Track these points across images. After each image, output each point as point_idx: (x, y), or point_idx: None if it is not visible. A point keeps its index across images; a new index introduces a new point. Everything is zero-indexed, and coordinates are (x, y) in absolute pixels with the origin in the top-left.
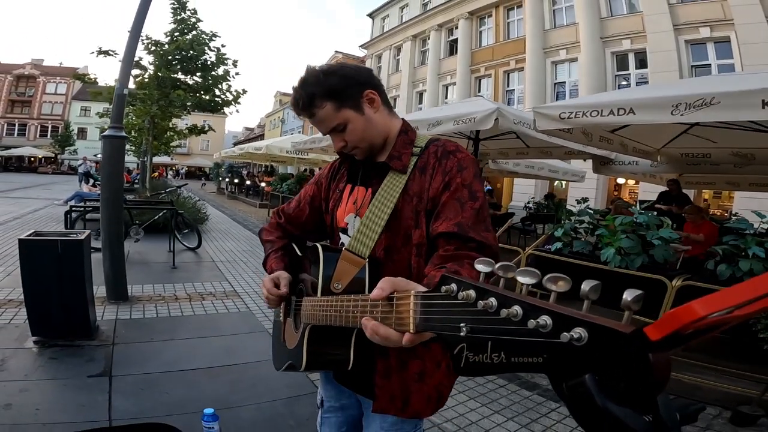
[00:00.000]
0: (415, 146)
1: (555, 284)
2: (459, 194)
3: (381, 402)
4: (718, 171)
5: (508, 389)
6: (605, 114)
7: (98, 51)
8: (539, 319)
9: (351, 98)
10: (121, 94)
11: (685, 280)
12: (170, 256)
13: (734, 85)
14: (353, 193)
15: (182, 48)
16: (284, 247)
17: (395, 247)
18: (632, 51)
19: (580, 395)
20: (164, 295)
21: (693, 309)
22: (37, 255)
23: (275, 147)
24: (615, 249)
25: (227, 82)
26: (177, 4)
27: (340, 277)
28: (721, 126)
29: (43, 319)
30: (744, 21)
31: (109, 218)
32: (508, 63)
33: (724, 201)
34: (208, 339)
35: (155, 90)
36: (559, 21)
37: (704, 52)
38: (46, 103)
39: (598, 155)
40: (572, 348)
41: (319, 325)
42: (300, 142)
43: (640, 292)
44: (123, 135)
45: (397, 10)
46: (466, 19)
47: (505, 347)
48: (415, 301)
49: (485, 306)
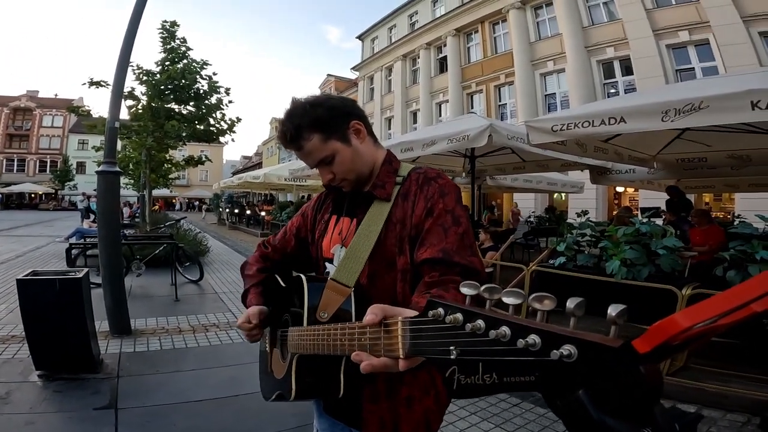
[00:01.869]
0: (398, 175)
1: (541, 303)
2: (442, 220)
3: (371, 428)
4: (715, 174)
5: (522, 408)
6: (597, 124)
7: (90, 82)
8: (528, 338)
9: (338, 129)
10: (113, 127)
11: (695, 288)
12: (172, 289)
13: (722, 87)
14: (338, 223)
15: (174, 77)
16: (264, 282)
17: (379, 274)
18: (617, 58)
19: (575, 411)
20: (168, 327)
21: (676, 321)
22: (36, 294)
23: (273, 175)
24: (620, 260)
25: (221, 110)
26: (166, 33)
27: (326, 306)
28: (714, 129)
29: (46, 354)
30: (720, 23)
31: (108, 254)
32: (498, 77)
33: (726, 203)
34: (213, 370)
35: (149, 121)
36: (544, 33)
37: (686, 55)
38: (43, 136)
39: (594, 165)
40: (563, 365)
41: (307, 354)
42: (297, 169)
43: (623, 307)
44: (117, 170)
45: (385, 31)
46: (454, 36)
47: (496, 368)
48: (403, 326)
49: (473, 328)
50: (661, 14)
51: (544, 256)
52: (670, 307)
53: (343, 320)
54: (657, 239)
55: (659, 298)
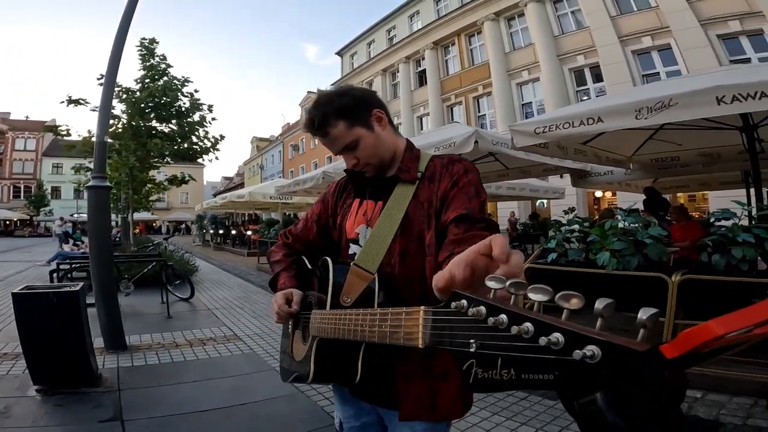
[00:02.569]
0: (420, 162)
1: (568, 302)
2: (466, 189)
3: (408, 407)
4: (688, 172)
5: (530, 401)
6: (576, 125)
7: (68, 100)
8: (551, 336)
9: (361, 117)
10: (102, 141)
11: (684, 274)
12: (163, 307)
13: (688, 86)
14: (362, 206)
15: (155, 94)
16: (294, 264)
17: (409, 252)
18: (587, 66)
19: (592, 413)
20: (163, 342)
21: (710, 328)
22: (32, 308)
23: (258, 193)
24: (609, 252)
25: (204, 128)
26: (145, 51)
27: (349, 291)
28: (683, 128)
29: (44, 368)
30: (679, 27)
31: (100, 269)
32: (476, 89)
33: (699, 203)
34: (216, 381)
35: (130, 140)
36: (518, 43)
37: (651, 60)
38: (16, 161)
39: (575, 169)
40: (585, 365)
41: (328, 338)
42: (283, 186)
43: (655, 311)
44: (107, 185)
45: (364, 46)
46: (431, 49)
47: (515, 364)
48: (425, 315)
49: (496, 322)
50: (625, 21)
51: (536, 255)
52: (662, 294)
53: (366, 305)
54: (642, 230)
55: (650, 287)
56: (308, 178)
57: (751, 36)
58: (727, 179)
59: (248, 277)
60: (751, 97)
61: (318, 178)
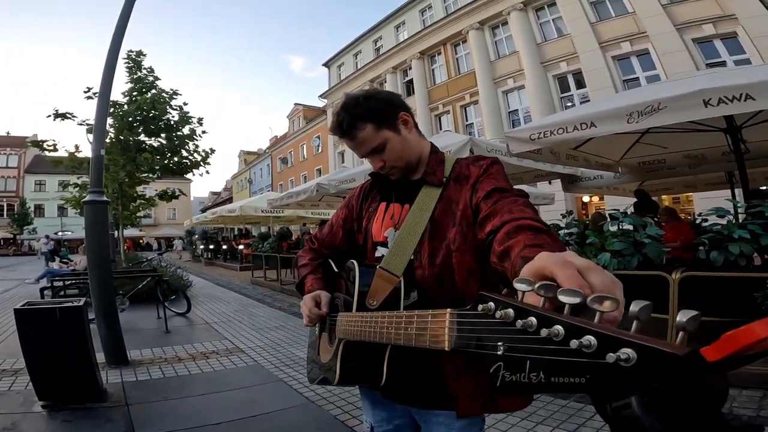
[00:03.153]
0: (445, 165)
1: (601, 304)
2: (495, 175)
3: (463, 405)
4: (675, 174)
5: (543, 400)
6: (570, 130)
7: (55, 114)
8: (583, 339)
9: (388, 119)
10: (99, 155)
11: (684, 272)
12: (160, 322)
13: (674, 90)
14: (389, 209)
15: (143, 107)
16: (321, 267)
17: (439, 253)
18: (570, 72)
19: (627, 417)
20: (165, 356)
21: (754, 330)
22: (36, 324)
23: (249, 207)
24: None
25: (194, 141)
26: (132, 63)
27: (375, 294)
28: (669, 130)
29: (50, 384)
30: (656, 32)
31: (100, 284)
32: (463, 97)
33: (684, 204)
34: (224, 393)
35: (119, 155)
36: (502, 51)
37: (630, 66)
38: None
39: (566, 174)
40: (619, 369)
41: (354, 340)
42: (276, 199)
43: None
44: (105, 200)
45: (351, 57)
46: (418, 59)
47: (544, 367)
48: (451, 318)
49: (524, 325)
50: (604, 27)
51: None
52: (663, 292)
53: (392, 308)
54: (640, 231)
55: (651, 285)
56: (301, 190)
57: (725, 39)
58: (711, 180)
59: (243, 291)
60: (736, 99)
61: (312, 190)
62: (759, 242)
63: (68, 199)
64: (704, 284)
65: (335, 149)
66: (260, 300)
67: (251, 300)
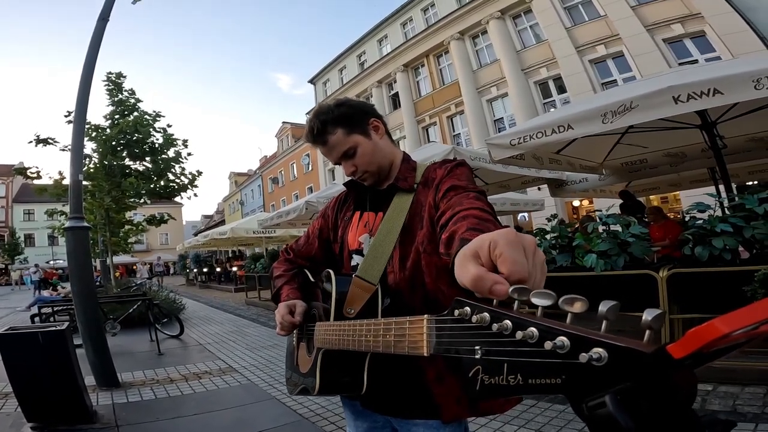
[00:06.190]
0: (417, 171)
1: (571, 305)
2: (457, 176)
3: (448, 409)
4: (658, 174)
5: (540, 407)
6: (549, 134)
7: (36, 140)
8: (556, 340)
9: (359, 124)
10: (77, 180)
11: (671, 269)
12: (153, 345)
13: (647, 88)
14: (363, 217)
15: (125, 131)
16: (297, 277)
17: (410, 259)
18: (550, 78)
19: (602, 416)
20: (157, 378)
21: (715, 326)
22: (19, 348)
23: (240, 229)
24: (596, 254)
25: (180, 164)
26: (112, 85)
27: (353, 302)
28: (647, 129)
29: (37, 406)
30: (628, 34)
31: (85, 310)
32: (449, 108)
33: (672, 204)
34: (217, 413)
35: (104, 181)
36: (484, 60)
37: (607, 69)
38: None
39: (552, 179)
40: (592, 368)
41: (333, 349)
42: (266, 219)
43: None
44: (86, 225)
45: (336, 73)
46: (402, 72)
47: (521, 369)
48: (429, 324)
49: (500, 328)
50: (579, 31)
51: None
52: (652, 291)
53: (369, 316)
54: (624, 230)
55: (639, 284)
56: (291, 209)
57: (695, 38)
58: (695, 177)
59: (238, 311)
60: (705, 94)
61: (301, 208)
62: (743, 235)
63: (57, 227)
64: (693, 281)
65: (325, 167)
66: (254, 320)
67: (245, 320)
